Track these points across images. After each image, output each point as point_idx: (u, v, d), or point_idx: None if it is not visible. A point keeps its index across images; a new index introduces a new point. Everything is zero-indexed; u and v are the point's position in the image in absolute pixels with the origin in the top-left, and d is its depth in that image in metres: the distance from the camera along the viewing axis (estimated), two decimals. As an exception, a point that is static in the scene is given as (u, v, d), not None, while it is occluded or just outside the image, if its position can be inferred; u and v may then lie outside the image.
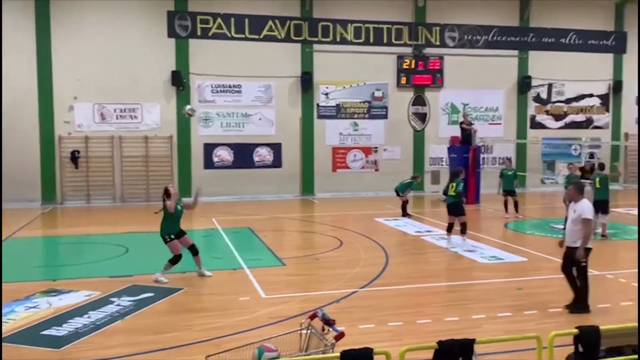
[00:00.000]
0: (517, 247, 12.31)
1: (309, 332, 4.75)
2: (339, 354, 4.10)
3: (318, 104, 22.40)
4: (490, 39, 23.35)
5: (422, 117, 23.31)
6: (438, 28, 22.94)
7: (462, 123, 20.93)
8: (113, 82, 20.34)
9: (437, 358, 4.39)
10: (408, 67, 22.81)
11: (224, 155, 21.67)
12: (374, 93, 22.78)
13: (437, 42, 22.99)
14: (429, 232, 14.46)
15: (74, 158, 20.42)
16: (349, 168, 22.87)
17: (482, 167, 20.32)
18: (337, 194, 22.18)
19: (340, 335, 4.43)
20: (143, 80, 20.64)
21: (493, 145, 23.50)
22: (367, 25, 22.38)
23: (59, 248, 13.72)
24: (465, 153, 20.20)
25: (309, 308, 7.49)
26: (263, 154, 22.03)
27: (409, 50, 22.84)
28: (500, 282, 9.75)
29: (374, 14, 22.38)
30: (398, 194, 17.09)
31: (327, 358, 4.33)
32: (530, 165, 23.76)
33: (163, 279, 9.46)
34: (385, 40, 22.58)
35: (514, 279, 9.74)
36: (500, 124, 24.02)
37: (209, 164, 21.53)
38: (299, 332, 4.84)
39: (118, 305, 8.09)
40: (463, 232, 12.22)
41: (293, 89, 22.11)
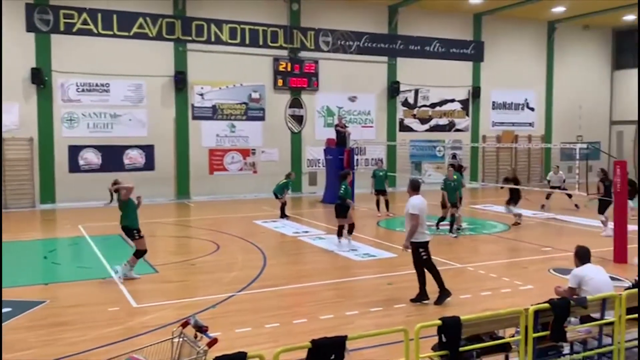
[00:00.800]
0: (388, 244, 12.86)
1: (181, 340, 4.61)
2: (212, 361, 4.02)
3: (193, 105, 21.88)
4: (362, 45, 24.23)
5: (299, 119, 23.63)
6: (312, 32, 23.38)
7: (337, 125, 21.50)
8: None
9: (310, 357, 4.45)
10: (284, 69, 22.99)
11: (91, 158, 20.45)
12: (251, 94, 22.71)
13: (311, 46, 23.43)
14: (307, 232, 14.67)
15: None
16: (227, 170, 22.58)
17: (356, 168, 21.00)
18: (214, 197, 21.81)
19: (213, 342, 4.34)
20: (-2, 77, 18.88)
21: (366, 147, 24.40)
22: (242, 26, 22.25)
23: None
24: (341, 155, 20.77)
25: (184, 315, 7.26)
26: (134, 156, 21.09)
27: (285, 53, 23.05)
28: (373, 278, 10.13)
29: (250, 16, 22.31)
30: (277, 196, 17.19)
31: (199, 365, 4.24)
32: (400, 166, 24.97)
33: (134, 275, 9.57)
34: (261, 42, 22.60)
35: (385, 275, 10.17)
36: (373, 127, 25.00)
37: (75, 168, 20.21)
38: (171, 340, 4.68)
39: (-33, 324, 7.32)
40: (340, 234, 12.53)
41: (166, 89, 21.41)
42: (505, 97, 27.65)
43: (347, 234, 12.58)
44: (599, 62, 29.78)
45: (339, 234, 12.61)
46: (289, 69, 23.05)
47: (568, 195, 17.81)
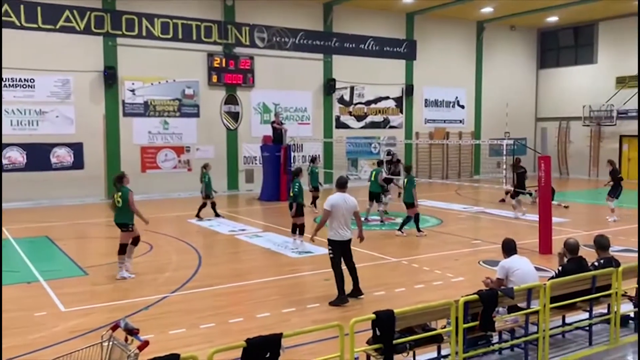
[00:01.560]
0: (324, 239, 12.89)
1: (111, 344, 4.47)
2: (144, 364, 3.92)
3: (124, 101, 21.21)
4: (298, 42, 24.23)
5: (234, 116, 23.37)
6: (247, 28, 23.16)
7: (273, 122, 21.41)
8: None
9: (245, 356, 4.41)
10: (219, 65, 22.66)
11: (15, 157, 19.46)
12: (185, 91, 22.25)
13: (247, 42, 23.20)
14: (243, 230, 14.55)
15: None
16: (160, 168, 22.05)
17: (292, 165, 20.99)
18: (147, 196, 21.15)
19: (144, 344, 4.23)
20: None
21: (303, 144, 24.43)
22: (175, 21, 21.75)
23: None
24: (277, 152, 20.72)
25: (114, 318, 7.02)
26: (62, 155, 20.22)
27: (220, 49, 22.73)
28: (309, 275, 10.18)
29: (182, 10, 21.84)
30: (208, 196, 16.66)
31: (130, 369, 4.12)
32: (336, 163, 25.18)
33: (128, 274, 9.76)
34: (195, 38, 22.17)
35: (322, 271, 10.19)
36: (309, 124, 25.06)
37: (-3, 167, 19.19)
38: (100, 344, 4.52)
39: None
40: (293, 231, 12.41)
41: (95, 85, 20.65)
42: (437, 94, 28.39)
43: (298, 234, 12.40)
44: (525, 61, 31.08)
45: (294, 232, 12.44)
46: (224, 65, 22.74)
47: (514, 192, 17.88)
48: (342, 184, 8.60)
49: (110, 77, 20.51)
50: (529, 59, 31.23)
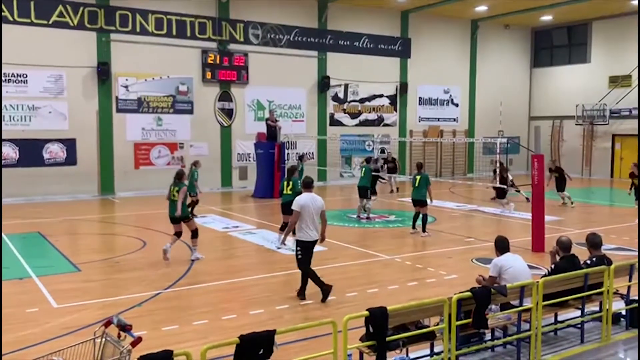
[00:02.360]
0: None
1: (104, 340, 4.45)
2: (137, 360, 3.90)
3: (117, 97, 21.12)
4: (292, 39, 24.18)
5: (228, 113, 23.31)
6: (242, 25, 23.10)
7: (268, 119, 21.38)
8: None
9: (238, 353, 4.41)
10: (213, 62, 22.58)
11: (8, 153, 19.33)
12: (179, 87, 22.17)
13: (241, 38, 23.14)
14: (237, 227, 14.53)
15: None
16: (153, 165, 21.97)
17: (286, 162, 20.96)
18: (140, 193, 21.16)
19: (137, 341, 4.22)
20: None
21: (297, 142, 24.42)
22: (169, 17, 21.66)
23: None
24: (271, 149, 20.69)
25: (107, 315, 7.00)
26: (55, 151, 20.12)
27: (214, 45, 22.66)
28: (303, 272, 10.14)
29: (176, 6, 21.74)
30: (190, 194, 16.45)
31: (124, 365, 4.11)
32: (330, 160, 25.18)
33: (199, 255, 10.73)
34: (189, 34, 22.09)
35: (315, 268, 10.15)
36: (303, 121, 25.04)
37: (-11, 163, 19.08)
38: (93, 341, 4.51)
39: None
40: (282, 229, 12.35)
41: (88, 80, 20.55)
42: (431, 93, 28.42)
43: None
44: (519, 60, 31.17)
45: (282, 229, 12.37)
46: (218, 62, 22.67)
47: (501, 190, 17.91)
48: (308, 184, 8.61)
49: (104, 73, 20.41)
50: (523, 58, 31.33)
